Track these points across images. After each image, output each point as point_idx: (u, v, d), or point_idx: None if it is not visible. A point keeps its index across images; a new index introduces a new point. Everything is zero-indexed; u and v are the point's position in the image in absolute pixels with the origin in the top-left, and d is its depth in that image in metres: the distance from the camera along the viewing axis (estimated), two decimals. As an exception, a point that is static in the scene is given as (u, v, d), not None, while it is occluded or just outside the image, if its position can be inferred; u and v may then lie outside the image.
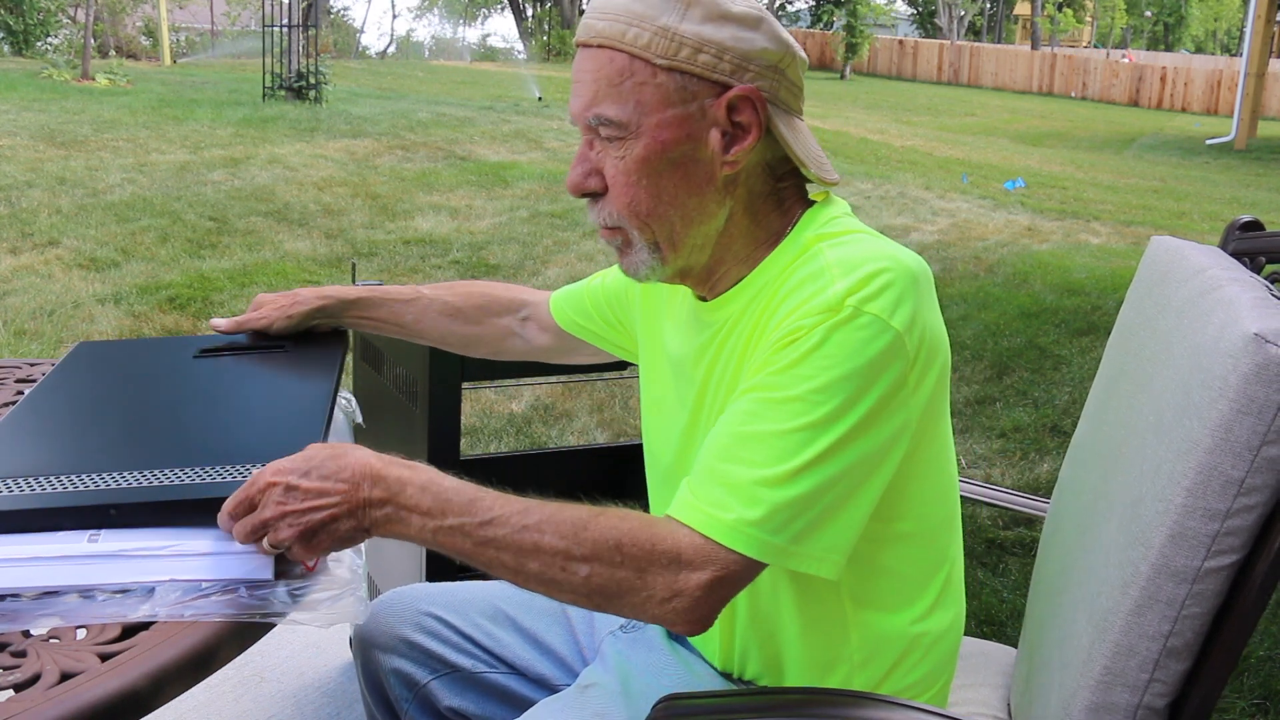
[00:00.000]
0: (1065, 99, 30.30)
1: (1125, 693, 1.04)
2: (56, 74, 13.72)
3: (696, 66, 1.06)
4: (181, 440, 1.17)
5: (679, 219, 1.10)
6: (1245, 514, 0.97)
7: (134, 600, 0.97)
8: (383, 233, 6.84)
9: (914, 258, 1.07)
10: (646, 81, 1.06)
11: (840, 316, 1.00)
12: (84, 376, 1.36)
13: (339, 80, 14.94)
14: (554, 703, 1.24)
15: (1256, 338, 0.95)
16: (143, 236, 6.27)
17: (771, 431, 0.99)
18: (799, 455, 0.98)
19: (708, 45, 1.06)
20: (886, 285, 1.01)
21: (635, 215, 1.10)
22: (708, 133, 1.08)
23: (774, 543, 0.98)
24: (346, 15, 43.61)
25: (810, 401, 0.99)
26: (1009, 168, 12.52)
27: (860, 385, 0.99)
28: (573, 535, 0.96)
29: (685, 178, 1.09)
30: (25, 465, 1.08)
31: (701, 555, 0.96)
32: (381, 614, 1.41)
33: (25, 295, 5.07)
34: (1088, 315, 5.59)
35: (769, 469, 0.98)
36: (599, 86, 1.07)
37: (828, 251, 1.06)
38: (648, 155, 1.07)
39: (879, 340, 1.00)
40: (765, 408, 1.00)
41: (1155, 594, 1.01)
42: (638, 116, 1.07)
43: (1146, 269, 1.35)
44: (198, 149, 9.11)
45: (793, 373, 1.00)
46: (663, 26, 1.05)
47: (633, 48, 1.06)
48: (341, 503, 0.97)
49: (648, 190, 1.09)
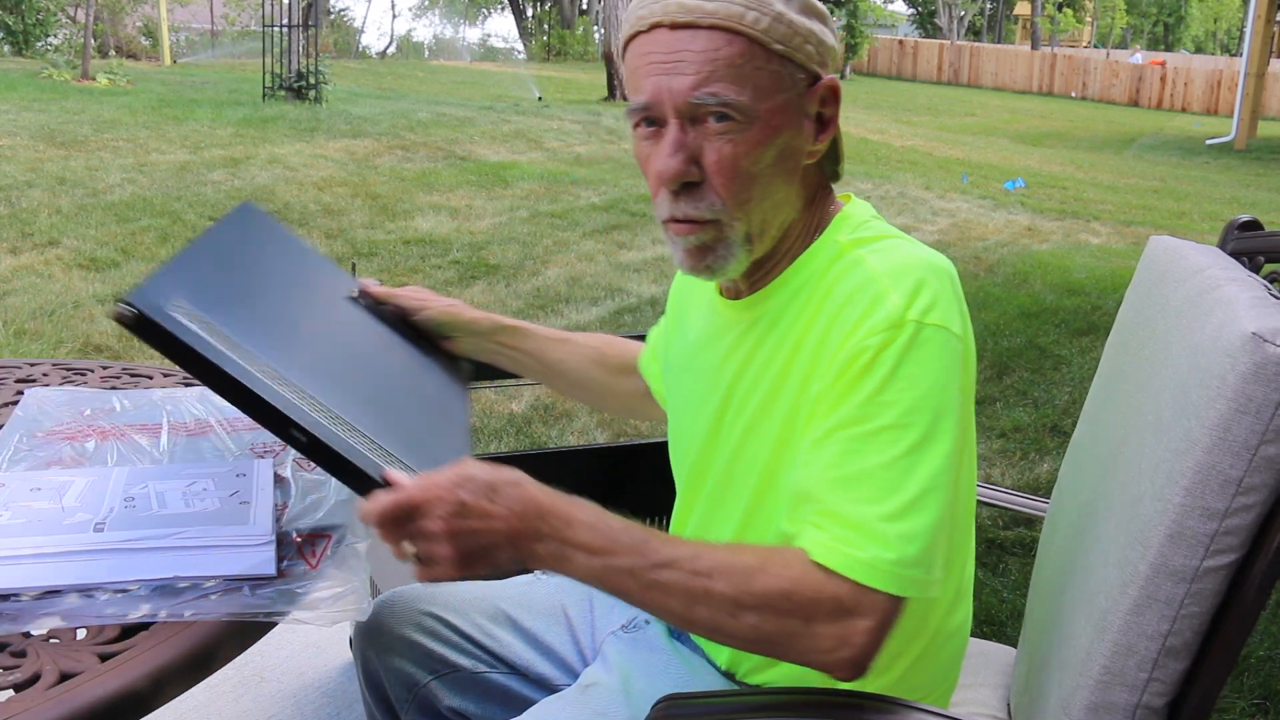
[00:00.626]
0: (1065, 99, 30.30)
1: (1124, 692, 1.04)
2: (56, 74, 13.72)
3: (802, 54, 1.07)
4: (352, 390, 1.10)
5: (770, 207, 1.10)
6: (1244, 513, 0.97)
7: (134, 600, 0.97)
8: (383, 233, 6.84)
9: (942, 257, 1.08)
10: (762, 66, 1.05)
11: (907, 334, 1.00)
12: (259, 249, 1.28)
13: (339, 80, 14.94)
14: (555, 702, 1.24)
15: (1254, 337, 0.95)
16: (143, 236, 6.27)
17: (876, 465, 0.98)
18: (910, 483, 0.98)
19: (810, 36, 1.07)
20: (939, 292, 1.03)
21: (739, 203, 1.07)
22: (803, 121, 1.09)
23: (913, 575, 0.97)
24: (346, 15, 43.60)
25: (903, 426, 0.99)
26: (1009, 168, 12.52)
27: (942, 397, 1.00)
28: (744, 583, 0.96)
29: (783, 165, 1.09)
30: (241, 322, 1.01)
31: (862, 602, 0.95)
32: (381, 613, 1.41)
33: (25, 295, 5.07)
34: (1088, 315, 5.59)
35: (886, 503, 0.97)
36: (715, 67, 1.03)
37: (869, 258, 1.07)
38: (761, 141, 1.05)
39: (947, 350, 1.01)
40: (861, 443, 0.99)
41: (1154, 593, 1.01)
42: (754, 101, 1.04)
43: (1145, 269, 1.35)
44: (198, 149, 9.11)
45: (877, 401, 0.99)
46: (779, 12, 1.05)
47: (752, 30, 1.03)
48: (506, 531, 0.95)
49: (754, 177, 1.07)
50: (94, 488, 1.15)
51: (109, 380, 1.58)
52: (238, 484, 1.17)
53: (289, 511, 1.14)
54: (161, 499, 1.12)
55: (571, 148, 11.07)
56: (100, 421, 1.36)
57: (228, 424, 1.37)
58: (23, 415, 1.37)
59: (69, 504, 1.10)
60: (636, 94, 1.07)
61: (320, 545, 1.09)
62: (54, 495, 1.12)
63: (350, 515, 1.14)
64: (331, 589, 1.00)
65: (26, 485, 1.15)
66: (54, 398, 1.43)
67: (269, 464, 1.23)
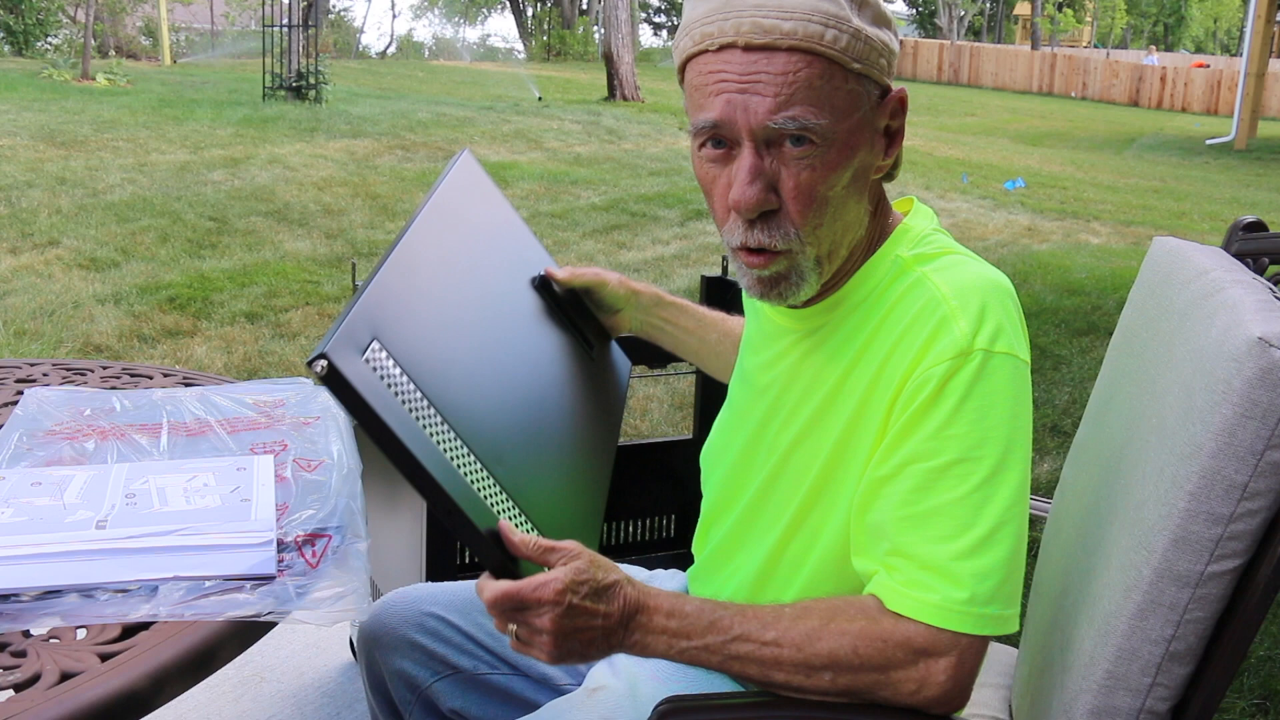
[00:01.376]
0: (1065, 99, 30.31)
1: (1127, 696, 1.04)
2: (56, 74, 13.73)
3: (877, 69, 1.03)
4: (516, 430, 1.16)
5: (841, 229, 1.06)
6: (1248, 519, 0.97)
7: (135, 600, 0.97)
8: (383, 233, 6.84)
9: (1000, 275, 1.06)
10: (840, 87, 1.00)
11: (975, 364, 0.99)
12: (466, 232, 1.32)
13: (339, 80, 14.94)
14: (563, 704, 1.24)
15: (1260, 341, 0.95)
16: (143, 236, 6.27)
17: (948, 502, 0.98)
18: (983, 518, 0.97)
19: (884, 48, 1.03)
20: (1004, 316, 1.01)
21: (813, 229, 1.03)
22: (874, 137, 1.05)
23: (988, 613, 0.97)
24: (347, 15, 43.60)
25: (974, 460, 0.98)
26: (1009, 168, 12.52)
27: (1012, 427, 0.99)
28: (809, 647, 0.99)
29: (856, 185, 1.05)
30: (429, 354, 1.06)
31: (938, 643, 0.97)
32: (384, 615, 1.41)
33: (25, 295, 5.07)
34: (1088, 315, 5.59)
35: (959, 541, 0.97)
36: (795, 90, 0.98)
37: (934, 277, 1.04)
38: (839, 163, 1.01)
39: (1016, 378, 1.00)
40: (932, 479, 0.99)
41: (1158, 598, 1.01)
42: (834, 122, 1.00)
43: (1149, 270, 1.34)
44: (198, 149, 9.11)
45: (945, 434, 0.98)
46: (857, 29, 1.00)
47: (831, 50, 0.99)
48: (604, 629, 0.99)
49: (830, 202, 1.03)
50: (95, 483, 1.14)
51: (109, 380, 1.58)
52: (238, 479, 1.17)
53: (289, 511, 1.14)
54: (163, 495, 1.12)
55: (571, 148, 11.07)
56: (100, 421, 1.36)
57: (227, 424, 1.37)
58: (22, 415, 1.36)
59: (70, 500, 1.10)
60: (702, 112, 1.02)
61: (320, 545, 1.08)
62: (55, 491, 1.12)
63: (350, 515, 1.14)
64: (331, 589, 1.00)
65: (27, 480, 1.15)
66: (54, 398, 1.42)
67: (270, 460, 1.23)
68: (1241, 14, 41.34)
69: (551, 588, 0.97)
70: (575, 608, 0.97)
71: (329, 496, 1.18)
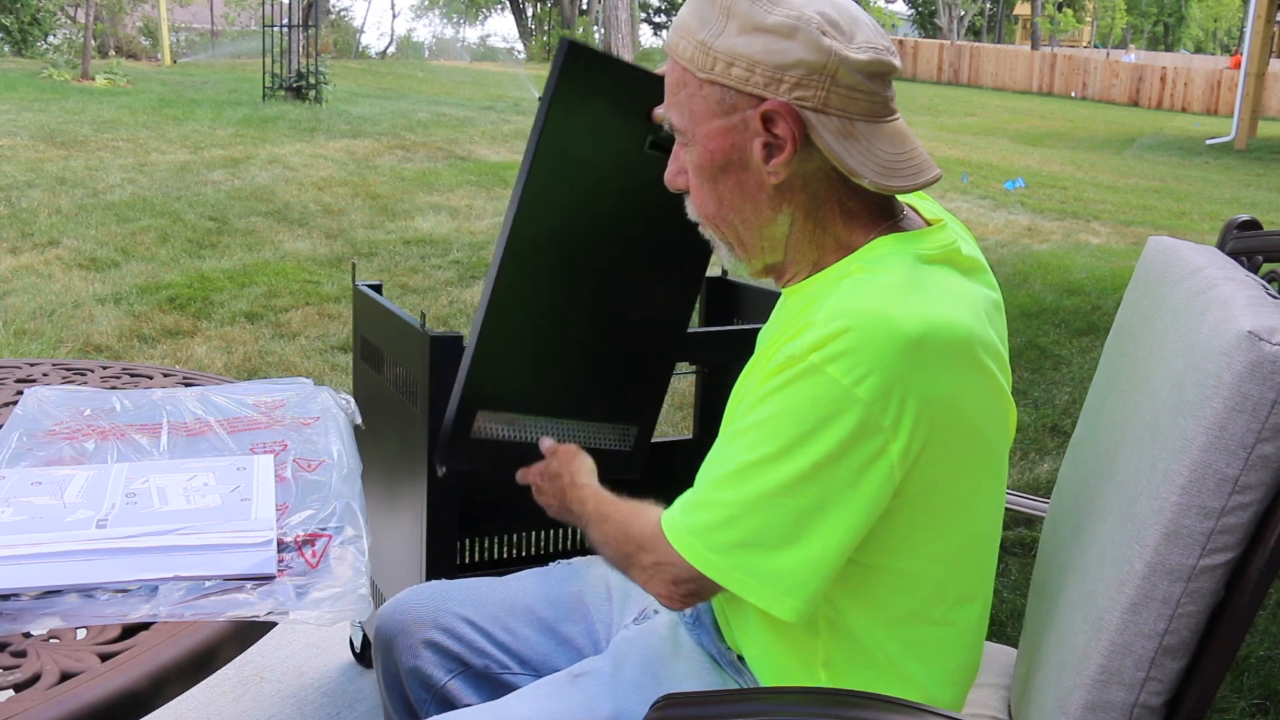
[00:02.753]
0: (1065, 99, 30.29)
1: (1121, 691, 1.04)
2: (56, 74, 13.73)
3: (731, 80, 1.07)
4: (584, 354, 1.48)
5: (740, 223, 1.15)
6: (1240, 511, 0.97)
7: (135, 600, 0.97)
8: (383, 233, 6.84)
9: (926, 320, 1.02)
10: (695, 93, 1.10)
11: (800, 368, 1.02)
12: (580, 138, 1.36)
13: (339, 80, 14.94)
14: (544, 686, 1.26)
15: (1250, 335, 0.95)
16: (143, 236, 6.27)
17: (729, 457, 1.08)
18: (738, 487, 1.06)
19: (739, 59, 1.06)
20: (855, 348, 1.00)
21: (705, 216, 1.17)
22: (752, 143, 1.09)
23: (708, 557, 1.07)
24: (346, 15, 43.59)
25: (754, 440, 1.05)
26: (1009, 168, 12.51)
27: (801, 440, 1.02)
28: (609, 525, 1.23)
29: (739, 185, 1.12)
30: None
31: (653, 543, 1.13)
32: (401, 613, 1.41)
33: (25, 295, 5.07)
34: (1088, 315, 5.59)
35: (716, 492, 1.08)
36: (668, 94, 1.13)
37: (844, 287, 1.06)
38: (701, 163, 1.12)
39: (834, 403, 1.00)
40: (733, 433, 1.09)
41: (1151, 592, 1.01)
42: (692, 125, 1.11)
43: (1144, 269, 1.35)
44: (198, 149, 9.11)
45: (757, 409, 1.06)
46: (700, 41, 1.08)
47: (683, 59, 1.10)
48: (556, 507, 1.36)
49: (709, 194, 1.14)
50: (95, 483, 1.15)
51: (109, 380, 1.58)
52: (239, 478, 1.17)
53: (289, 511, 1.14)
54: (163, 495, 1.12)
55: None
56: (100, 421, 1.37)
57: (227, 424, 1.38)
58: (22, 415, 1.37)
59: (70, 500, 1.10)
60: None
61: (320, 545, 1.09)
62: (55, 491, 1.13)
63: (350, 515, 1.15)
64: (331, 589, 1.01)
65: (27, 480, 1.15)
66: (54, 397, 1.43)
67: (270, 460, 1.23)
68: (1241, 14, 41.32)
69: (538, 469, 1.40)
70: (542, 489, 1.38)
71: (329, 496, 1.18)
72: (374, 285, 2.23)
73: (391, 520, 2.09)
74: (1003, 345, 1.15)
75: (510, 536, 2.24)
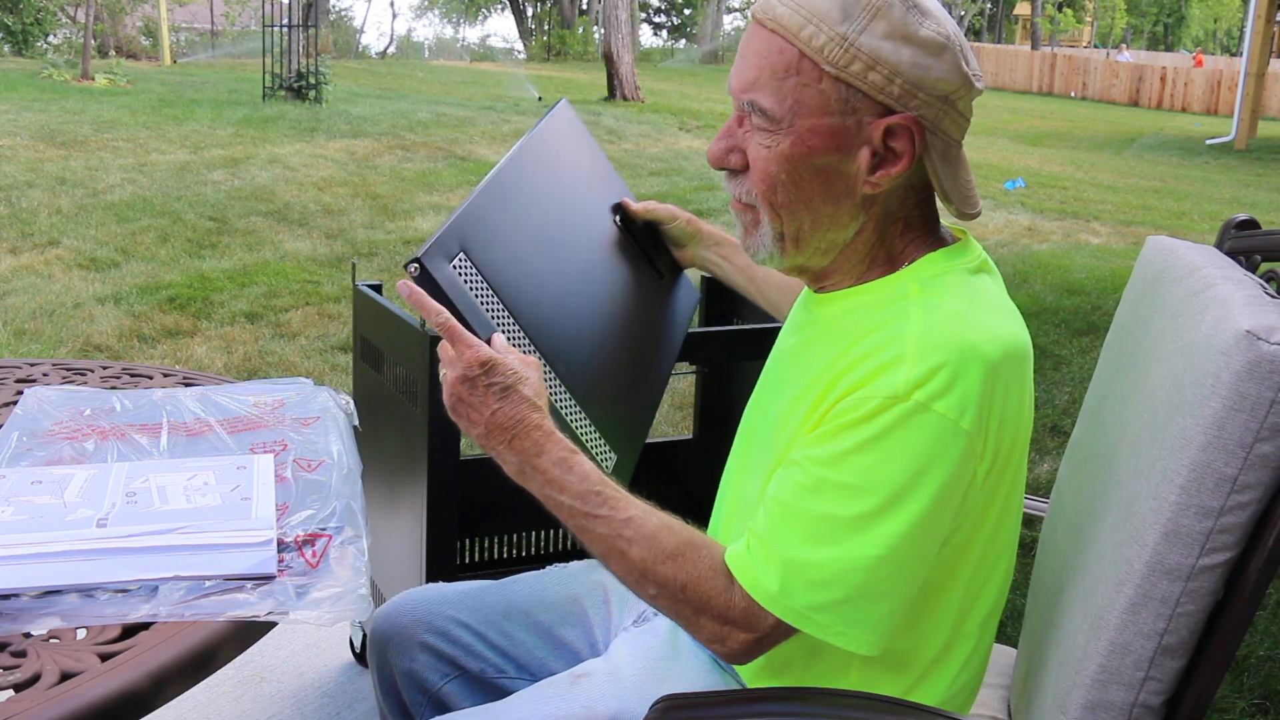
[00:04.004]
0: (1065, 99, 30.29)
1: (1121, 691, 1.04)
2: (56, 74, 13.73)
3: (865, 83, 1.03)
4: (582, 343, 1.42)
5: (809, 220, 1.10)
6: (1239, 511, 0.97)
7: (135, 600, 0.97)
8: (383, 233, 6.84)
9: (1000, 341, 1.03)
10: (810, 84, 1.04)
11: (904, 408, 0.99)
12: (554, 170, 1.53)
13: (339, 80, 14.93)
14: (545, 688, 1.25)
15: (1248, 334, 0.95)
16: (143, 236, 6.27)
17: (822, 513, 1.02)
18: (841, 544, 1.01)
19: (881, 64, 1.03)
20: (957, 379, 0.99)
21: (770, 204, 1.10)
22: (859, 149, 1.06)
23: (815, 618, 1.03)
24: (346, 15, 43.59)
25: (864, 491, 1.01)
26: (1009, 168, 12.51)
27: (912, 478, 1.00)
28: (655, 561, 1.07)
29: (826, 185, 1.08)
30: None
31: (746, 618, 1.05)
32: (396, 616, 1.41)
33: (25, 295, 5.07)
34: (1088, 315, 5.59)
35: (813, 550, 1.02)
36: (762, 73, 1.06)
37: (915, 315, 1.04)
38: (793, 154, 1.06)
39: (942, 440, 1.00)
40: (822, 488, 1.02)
41: (1150, 592, 1.01)
42: (792, 115, 1.05)
43: (1142, 269, 1.35)
44: (198, 149, 9.11)
45: (852, 459, 1.01)
46: (841, 34, 1.02)
47: (806, 46, 1.03)
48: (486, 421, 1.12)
49: (786, 186, 1.08)
50: (95, 482, 1.15)
51: (109, 380, 1.58)
52: (239, 477, 1.17)
53: (289, 511, 1.14)
54: (163, 494, 1.12)
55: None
56: (100, 421, 1.37)
57: (227, 424, 1.38)
58: (22, 415, 1.37)
59: (71, 499, 1.10)
60: None
61: (320, 545, 1.09)
62: (55, 490, 1.13)
63: (350, 515, 1.15)
64: (331, 589, 1.01)
65: (27, 479, 1.16)
66: (54, 397, 1.43)
67: (270, 459, 1.24)
68: (1241, 14, 41.32)
69: (468, 355, 1.12)
70: (473, 382, 1.11)
71: (329, 496, 1.18)
72: (374, 285, 2.23)
73: (391, 520, 2.09)
74: None
75: (510, 537, 2.24)
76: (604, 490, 1.10)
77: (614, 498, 1.10)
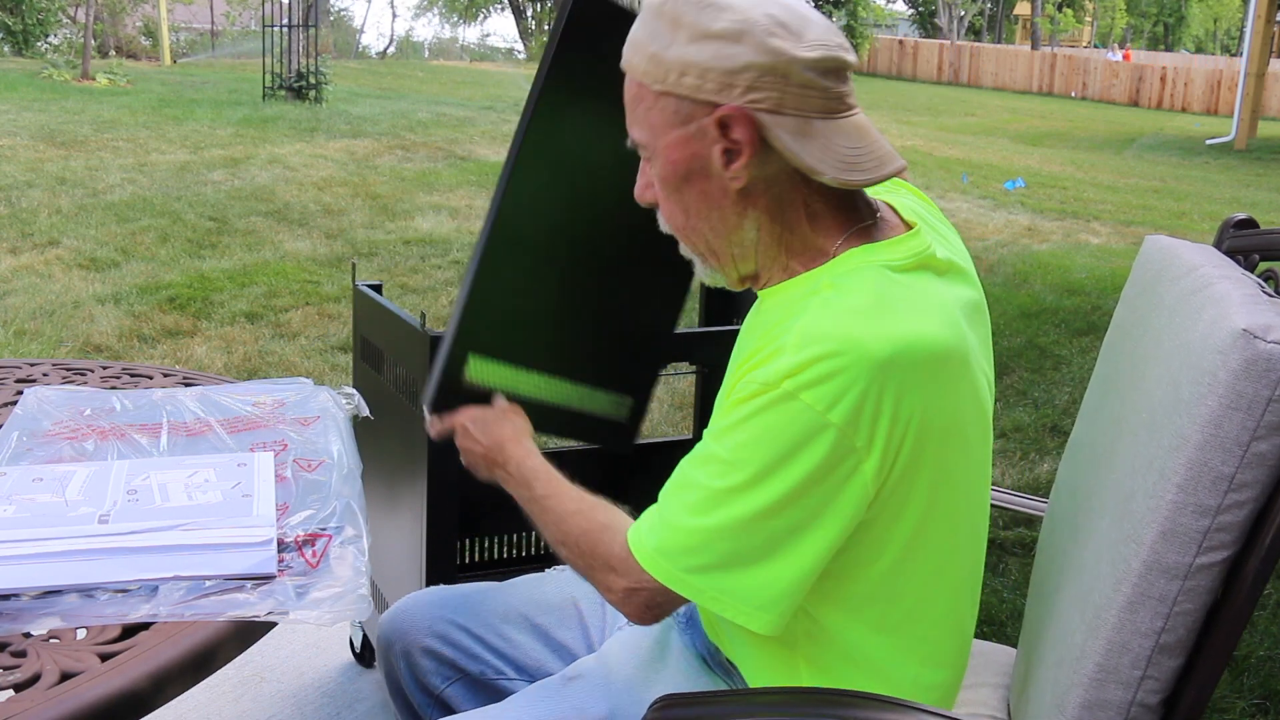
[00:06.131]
0: (1065, 99, 30.28)
1: (1118, 689, 1.04)
2: (56, 74, 13.73)
3: (685, 89, 1.07)
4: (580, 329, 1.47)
5: (710, 231, 1.14)
6: (1236, 510, 0.98)
7: (135, 600, 0.97)
8: (383, 233, 6.84)
9: (896, 341, 1.02)
10: (651, 106, 1.10)
11: (773, 395, 1.02)
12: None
13: (339, 80, 14.93)
14: (539, 690, 1.27)
15: (1245, 333, 0.96)
16: (143, 236, 6.27)
17: (699, 483, 1.08)
18: (710, 514, 1.06)
19: (690, 68, 1.06)
20: (831, 374, 1.00)
21: (675, 228, 1.17)
22: (712, 150, 1.08)
23: (683, 578, 1.08)
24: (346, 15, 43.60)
25: (734, 466, 1.05)
26: (1009, 168, 12.51)
27: (781, 466, 1.02)
28: (566, 523, 1.21)
29: (703, 193, 1.12)
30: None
31: (624, 566, 1.12)
32: (400, 620, 1.43)
33: (25, 295, 5.07)
34: (1088, 315, 5.59)
35: (688, 518, 1.08)
36: (629, 111, 1.14)
37: (813, 308, 1.05)
38: (665, 174, 1.13)
39: (807, 429, 1.01)
40: (704, 459, 1.09)
41: (1147, 590, 1.01)
42: (653, 138, 1.12)
43: (1141, 268, 1.35)
44: (198, 149, 9.11)
45: (729, 436, 1.06)
46: (652, 54, 1.08)
47: (636, 74, 1.11)
48: (482, 455, 1.34)
49: (676, 205, 1.14)
50: (96, 479, 1.15)
51: (109, 380, 1.58)
52: (239, 474, 1.18)
53: (289, 511, 1.14)
54: (164, 491, 1.13)
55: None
56: (100, 421, 1.37)
57: (227, 424, 1.38)
58: (22, 414, 1.37)
59: (72, 497, 1.11)
60: None
61: (320, 545, 1.09)
62: (57, 487, 1.13)
63: (350, 515, 1.15)
64: (331, 589, 1.01)
65: (28, 477, 1.16)
66: (54, 397, 1.43)
67: (270, 458, 1.24)
68: (1241, 14, 41.31)
69: (457, 418, 1.36)
70: (466, 431, 1.35)
71: (329, 496, 1.18)
72: (374, 285, 2.23)
73: (391, 520, 2.09)
74: (984, 346, 1.16)
75: (510, 536, 2.24)
76: (548, 480, 1.26)
77: (557, 486, 1.25)
